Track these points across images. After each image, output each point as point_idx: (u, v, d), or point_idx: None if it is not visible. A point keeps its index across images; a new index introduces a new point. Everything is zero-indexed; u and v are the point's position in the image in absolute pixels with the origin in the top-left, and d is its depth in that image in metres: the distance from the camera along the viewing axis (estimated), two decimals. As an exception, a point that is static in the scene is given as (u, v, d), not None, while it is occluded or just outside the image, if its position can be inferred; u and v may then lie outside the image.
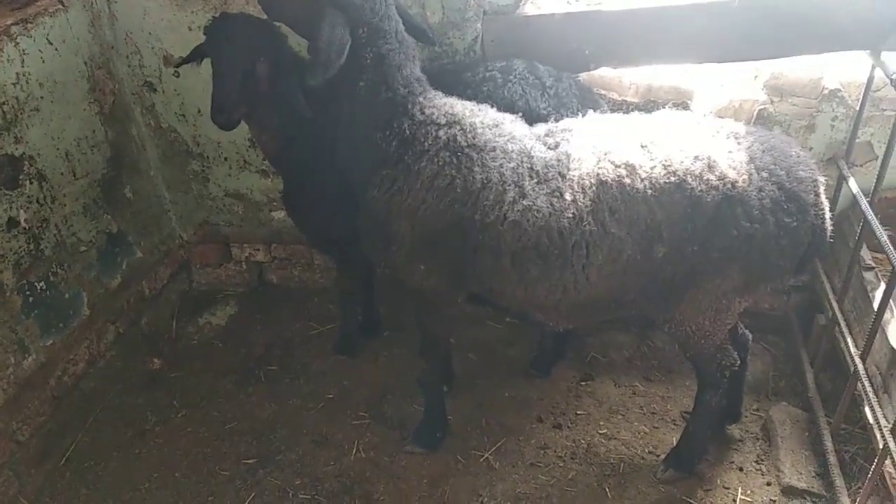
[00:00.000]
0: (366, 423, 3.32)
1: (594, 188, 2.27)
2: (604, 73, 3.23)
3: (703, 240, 2.28)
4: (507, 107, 2.56)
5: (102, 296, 3.54)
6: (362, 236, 2.64)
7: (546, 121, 2.54)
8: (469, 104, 2.44)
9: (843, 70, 3.11)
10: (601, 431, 3.24)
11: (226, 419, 3.40)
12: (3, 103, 2.90)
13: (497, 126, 2.40)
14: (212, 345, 3.90)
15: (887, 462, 2.44)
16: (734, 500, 2.90)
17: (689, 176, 2.23)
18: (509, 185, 2.32)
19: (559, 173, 2.31)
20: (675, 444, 3.08)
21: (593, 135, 2.37)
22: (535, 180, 2.32)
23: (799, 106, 3.14)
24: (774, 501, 2.89)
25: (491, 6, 3.09)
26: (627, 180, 2.25)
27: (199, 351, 3.87)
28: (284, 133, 2.86)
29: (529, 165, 2.34)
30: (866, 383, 2.59)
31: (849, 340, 2.82)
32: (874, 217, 2.64)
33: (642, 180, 2.24)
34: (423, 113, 2.36)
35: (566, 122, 2.46)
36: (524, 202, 2.30)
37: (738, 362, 2.76)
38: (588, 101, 2.86)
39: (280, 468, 3.13)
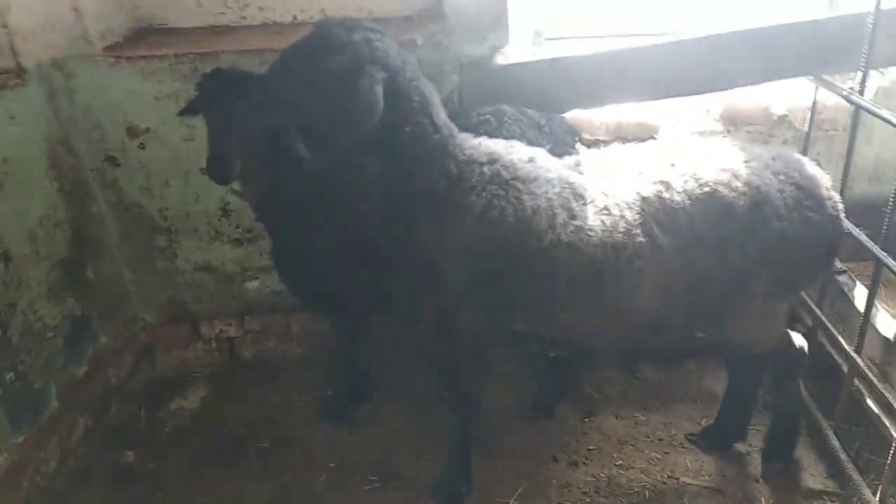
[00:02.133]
0: (378, 487, 3.15)
1: (638, 203, 2.39)
2: (574, 114, 3.40)
3: (740, 244, 2.43)
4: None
5: (70, 385, 3.26)
6: (400, 288, 2.61)
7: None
8: (500, 142, 2.51)
9: (787, 97, 3.43)
10: (616, 463, 3.22)
11: (232, 486, 3.14)
12: (-34, 179, 2.71)
13: (532, 160, 2.49)
14: (188, 430, 3.61)
15: (904, 445, 2.57)
16: (763, 510, 2.95)
17: (719, 185, 2.41)
18: (558, 210, 2.39)
19: (602, 193, 2.41)
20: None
21: (621, 160, 2.52)
22: (581, 202, 2.41)
23: (753, 133, 3.42)
24: (797, 505, 2.96)
25: (467, 59, 3.22)
26: (666, 194, 2.40)
27: (173, 438, 3.56)
28: (274, 180, 2.79)
29: (572, 190, 2.43)
30: (868, 373, 2.74)
31: (840, 339, 2.99)
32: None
33: (679, 193, 2.40)
34: (464, 153, 2.40)
35: (588, 154, 2.59)
36: (575, 223, 2.37)
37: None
38: (576, 138, 3.00)
39: (295, 546, 2.90)
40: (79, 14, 3.19)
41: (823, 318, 3.15)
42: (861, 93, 2.72)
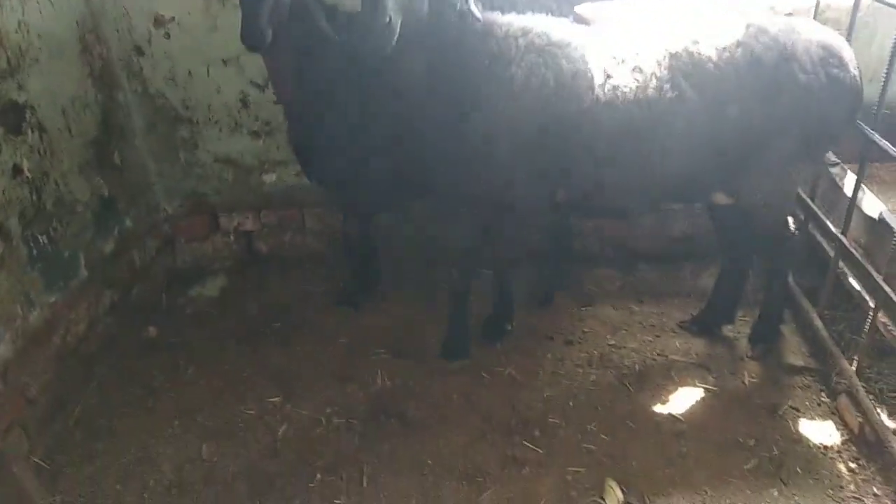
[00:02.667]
0: (385, 358, 3.36)
1: (667, 59, 2.58)
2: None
3: (767, 97, 2.60)
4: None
5: (98, 260, 3.46)
6: (447, 171, 2.80)
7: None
8: (524, 17, 2.67)
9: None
10: (610, 343, 3.42)
11: (239, 369, 3.36)
12: (7, 49, 2.88)
13: (560, 27, 2.67)
14: (207, 313, 3.85)
15: (881, 316, 2.73)
16: (743, 382, 3.13)
17: (748, 38, 2.58)
18: (596, 70, 2.57)
19: (634, 52, 2.59)
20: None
21: (645, 25, 2.71)
22: (616, 61, 2.59)
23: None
24: (778, 379, 3.14)
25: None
26: (694, 48, 2.58)
27: (194, 319, 3.81)
28: (299, 64, 2.94)
29: (605, 51, 2.61)
30: (852, 250, 2.89)
31: (828, 223, 3.13)
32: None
33: (708, 47, 2.58)
34: (500, 30, 2.60)
35: (611, 16, 2.76)
36: (612, 82, 2.56)
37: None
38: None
39: (307, 402, 3.12)
40: None
41: (815, 208, 3.29)
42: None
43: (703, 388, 3.12)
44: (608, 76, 2.59)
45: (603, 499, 2.58)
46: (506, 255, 3.30)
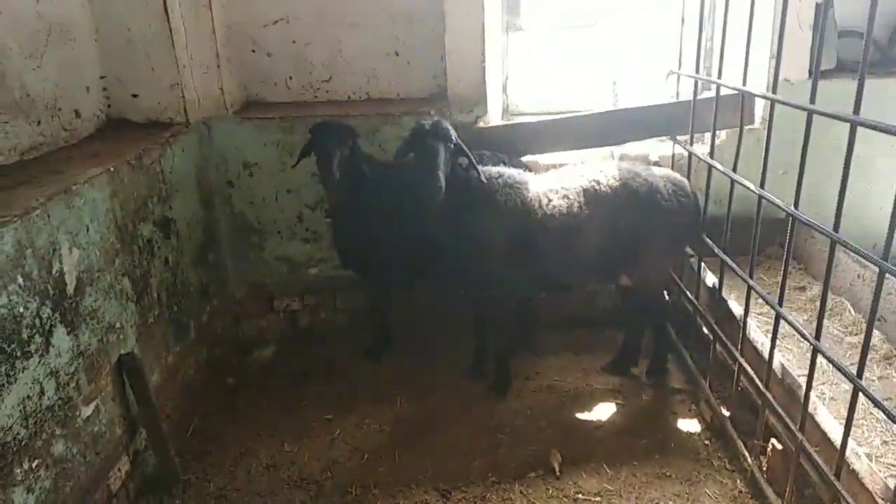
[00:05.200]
0: (402, 390, 4.89)
1: (581, 192, 4.27)
2: (527, 158, 5.35)
3: (643, 217, 4.28)
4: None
5: (199, 327, 4.98)
6: (451, 259, 4.35)
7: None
8: (497, 167, 4.39)
9: (659, 149, 5.43)
10: (554, 379, 4.96)
11: (299, 399, 4.84)
12: (166, 184, 4.53)
13: (519, 174, 4.39)
14: (267, 369, 5.34)
15: (718, 347, 4.38)
16: (643, 399, 4.73)
17: (628, 180, 4.31)
18: (542, 198, 4.24)
19: (562, 186, 4.30)
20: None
21: (568, 172, 4.48)
22: (553, 192, 4.27)
23: (641, 173, 5.38)
24: (665, 397, 4.75)
25: (461, 123, 5.18)
26: (597, 186, 4.29)
27: (258, 372, 5.28)
28: (349, 189, 4.63)
29: (546, 186, 4.31)
30: (701, 310, 4.59)
31: (689, 294, 4.86)
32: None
33: (604, 185, 4.29)
34: (489, 175, 4.27)
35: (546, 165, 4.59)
36: (551, 204, 4.23)
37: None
38: (525, 169, 4.93)
39: (352, 415, 4.60)
40: (221, 91, 5.14)
41: (681, 284, 5.02)
42: (691, 143, 4.73)
43: (616, 403, 4.69)
44: (549, 200, 4.28)
45: (550, 461, 4.08)
46: (497, 313, 4.85)
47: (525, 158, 5.22)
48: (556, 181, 4.39)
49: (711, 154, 4.43)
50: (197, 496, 3.95)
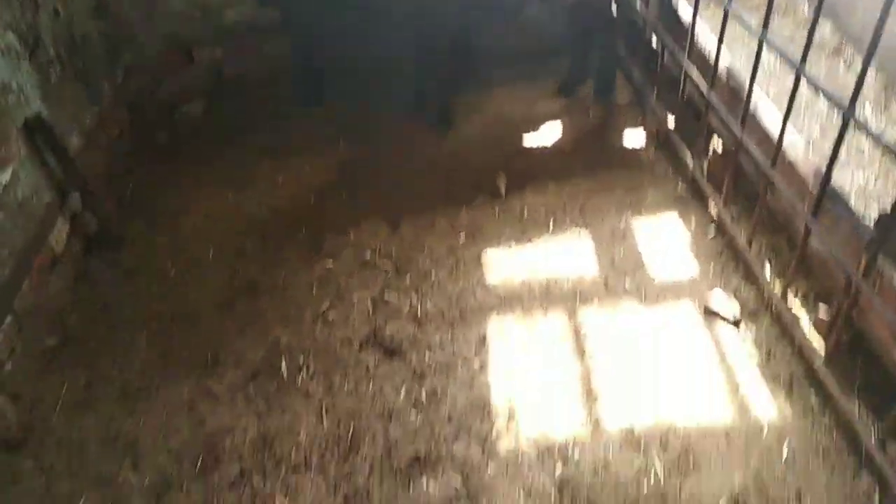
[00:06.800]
0: (342, 133, 4.72)
1: None
2: None
3: None
4: None
5: (115, 86, 4.60)
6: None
7: None
8: None
9: None
10: (504, 108, 4.84)
11: (235, 149, 4.65)
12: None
13: None
14: (199, 124, 5.04)
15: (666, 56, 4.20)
16: (589, 117, 4.65)
17: None
18: None
19: None
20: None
21: None
22: None
23: None
24: (612, 112, 4.67)
25: None
26: None
27: (188, 129, 4.97)
28: None
29: None
30: (652, 19, 4.32)
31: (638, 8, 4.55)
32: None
33: None
34: None
35: None
36: None
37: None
38: None
39: (294, 158, 4.48)
40: None
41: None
42: None
43: (563, 125, 4.60)
44: None
45: (496, 185, 4.09)
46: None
47: None
48: None
49: None
50: (144, 249, 3.93)
